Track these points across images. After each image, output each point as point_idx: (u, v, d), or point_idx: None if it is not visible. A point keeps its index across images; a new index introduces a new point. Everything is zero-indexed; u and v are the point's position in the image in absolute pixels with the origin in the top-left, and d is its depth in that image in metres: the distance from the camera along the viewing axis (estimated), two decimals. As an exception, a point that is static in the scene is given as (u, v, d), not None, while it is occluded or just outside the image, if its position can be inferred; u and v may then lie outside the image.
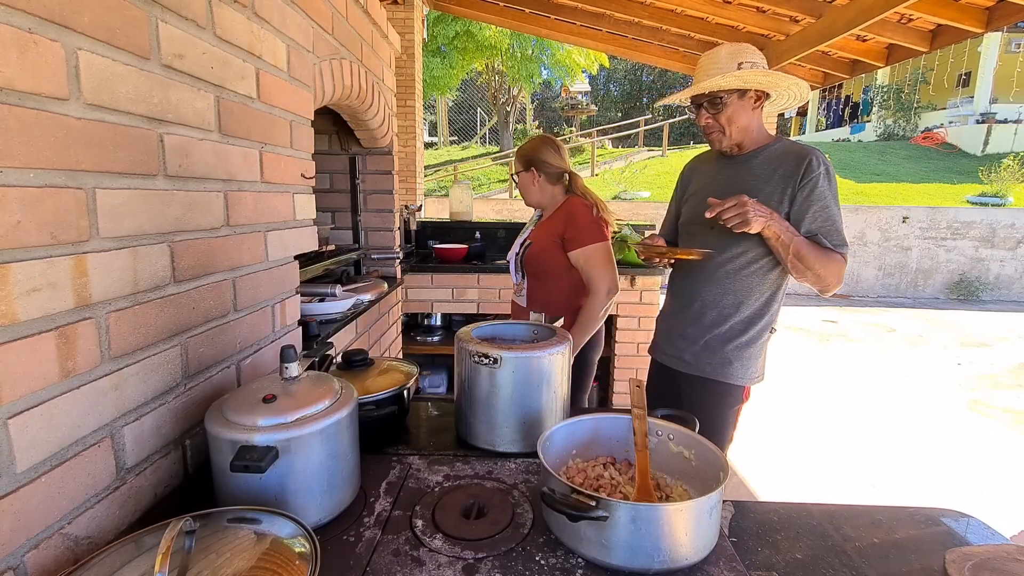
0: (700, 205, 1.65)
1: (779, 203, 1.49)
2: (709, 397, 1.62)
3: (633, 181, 12.24)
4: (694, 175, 1.79)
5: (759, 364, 1.62)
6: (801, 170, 1.47)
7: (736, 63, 1.48)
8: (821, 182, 1.46)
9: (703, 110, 1.56)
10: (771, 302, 1.59)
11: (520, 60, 13.62)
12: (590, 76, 16.74)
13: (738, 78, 1.46)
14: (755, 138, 1.58)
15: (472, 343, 1.11)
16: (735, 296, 1.58)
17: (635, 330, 3.22)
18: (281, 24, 1.24)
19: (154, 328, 0.84)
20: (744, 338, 1.58)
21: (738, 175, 1.59)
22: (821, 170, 1.46)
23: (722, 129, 1.55)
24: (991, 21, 3.27)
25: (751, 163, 1.57)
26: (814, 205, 1.46)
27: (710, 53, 1.54)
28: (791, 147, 1.55)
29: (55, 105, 0.66)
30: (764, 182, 1.53)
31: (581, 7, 4.89)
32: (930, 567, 0.81)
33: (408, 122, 5.45)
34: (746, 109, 1.54)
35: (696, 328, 1.64)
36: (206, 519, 0.69)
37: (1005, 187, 10.71)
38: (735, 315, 1.58)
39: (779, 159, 1.53)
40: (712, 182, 1.66)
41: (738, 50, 1.50)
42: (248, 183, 1.12)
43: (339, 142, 2.48)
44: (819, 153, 1.50)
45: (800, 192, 1.47)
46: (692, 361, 1.65)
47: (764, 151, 1.57)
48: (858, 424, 3.79)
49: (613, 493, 0.92)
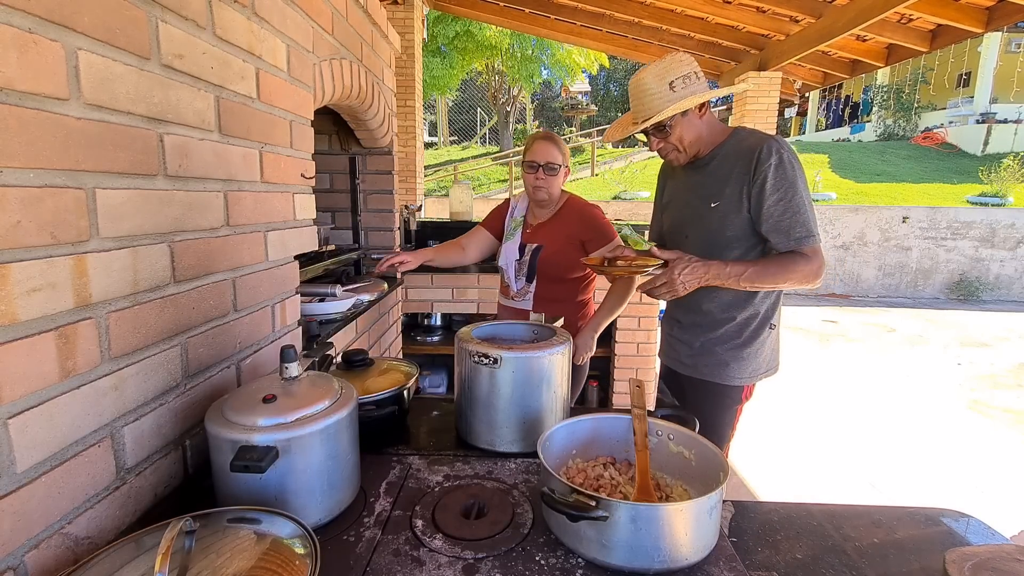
0: (676, 214, 1.66)
1: (739, 203, 1.43)
2: (708, 398, 1.62)
3: (633, 181, 12.24)
4: (668, 180, 1.76)
5: (760, 362, 1.59)
6: (752, 166, 1.40)
7: (666, 84, 1.40)
8: (772, 174, 1.37)
9: (652, 137, 1.52)
10: (764, 299, 1.55)
11: (520, 60, 13.61)
12: (590, 76, 16.75)
13: (675, 108, 1.39)
14: (709, 141, 1.52)
15: (472, 343, 1.11)
16: (724, 298, 1.55)
17: (635, 330, 3.22)
18: (281, 24, 1.24)
19: (154, 328, 0.84)
20: (739, 339, 1.56)
21: (700, 181, 1.54)
22: (772, 161, 1.37)
23: (676, 148, 1.50)
24: (991, 21, 3.27)
25: (709, 167, 1.52)
26: (767, 200, 1.38)
27: (636, 80, 1.46)
28: (743, 141, 1.47)
29: (55, 105, 0.66)
30: (724, 184, 1.47)
31: (581, 7, 4.89)
32: (930, 567, 0.81)
33: (408, 122, 5.45)
34: (693, 123, 1.47)
35: (692, 331, 1.63)
36: (206, 519, 0.69)
37: (1005, 187, 10.71)
38: (728, 318, 1.55)
39: (733, 157, 1.46)
40: (683, 189, 1.63)
41: (664, 69, 1.42)
42: (248, 183, 1.12)
43: (339, 142, 2.48)
44: (771, 141, 1.40)
45: (753, 188, 1.40)
46: (690, 363, 1.64)
47: (719, 151, 1.50)
48: (858, 424, 3.79)
49: (613, 493, 0.92)
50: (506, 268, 2.00)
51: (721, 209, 1.47)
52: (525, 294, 1.97)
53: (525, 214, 2.03)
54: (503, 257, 2.02)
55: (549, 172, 1.87)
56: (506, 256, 2.01)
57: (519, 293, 1.99)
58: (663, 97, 1.40)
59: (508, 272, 2.00)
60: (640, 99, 1.45)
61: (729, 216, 1.46)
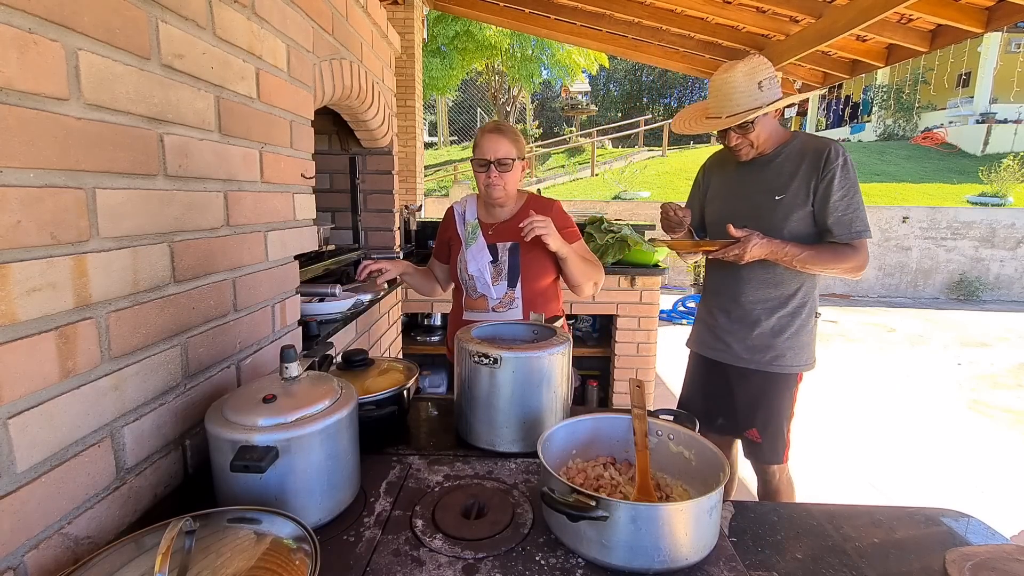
0: (725, 207, 1.76)
1: (805, 197, 1.58)
2: (767, 389, 1.71)
3: (633, 181, 12.23)
4: (713, 176, 1.86)
5: (811, 350, 1.71)
6: (821, 164, 1.56)
7: (755, 83, 1.54)
8: (839, 173, 1.54)
9: (731, 132, 1.63)
10: (811, 288, 1.68)
11: (520, 60, 13.61)
12: (590, 76, 16.74)
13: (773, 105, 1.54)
14: (774, 139, 1.66)
15: (472, 343, 1.11)
16: (778, 288, 1.66)
17: (635, 330, 3.22)
18: (281, 24, 1.24)
19: (154, 328, 0.84)
20: (793, 328, 1.67)
21: (762, 176, 1.66)
22: (839, 161, 1.55)
23: (751, 144, 1.63)
24: (991, 21, 3.27)
25: (773, 163, 1.65)
26: (833, 196, 1.55)
27: (725, 77, 1.57)
28: (808, 143, 1.63)
29: (55, 105, 0.66)
30: (789, 179, 1.61)
31: (581, 7, 4.89)
32: (930, 567, 0.81)
33: (408, 122, 5.45)
34: (770, 121, 1.63)
35: (743, 324, 1.72)
36: (206, 519, 0.69)
37: (1005, 187, 10.71)
38: (781, 307, 1.67)
39: (799, 156, 1.61)
40: (737, 184, 1.74)
41: (752, 68, 1.54)
42: (248, 183, 1.12)
43: (339, 142, 2.48)
44: (836, 145, 1.58)
45: (821, 184, 1.56)
46: (744, 354, 1.72)
47: (784, 150, 1.65)
48: (858, 424, 3.79)
49: (613, 493, 0.92)
50: (477, 276, 1.72)
51: (786, 202, 1.61)
52: (510, 301, 1.72)
53: (478, 215, 1.79)
54: (471, 264, 1.72)
55: (502, 169, 1.65)
56: (475, 262, 1.72)
57: (502, 302, 1.72)
58: (752, 96, 1.55)
59: (480, 280, 1.72)
60: (728, 96, 1.57)
61: (794, 209, 1.61)
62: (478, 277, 1.72)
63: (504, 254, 1.73)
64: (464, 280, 1.75)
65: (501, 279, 1.72)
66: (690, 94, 28.66)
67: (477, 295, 1.74)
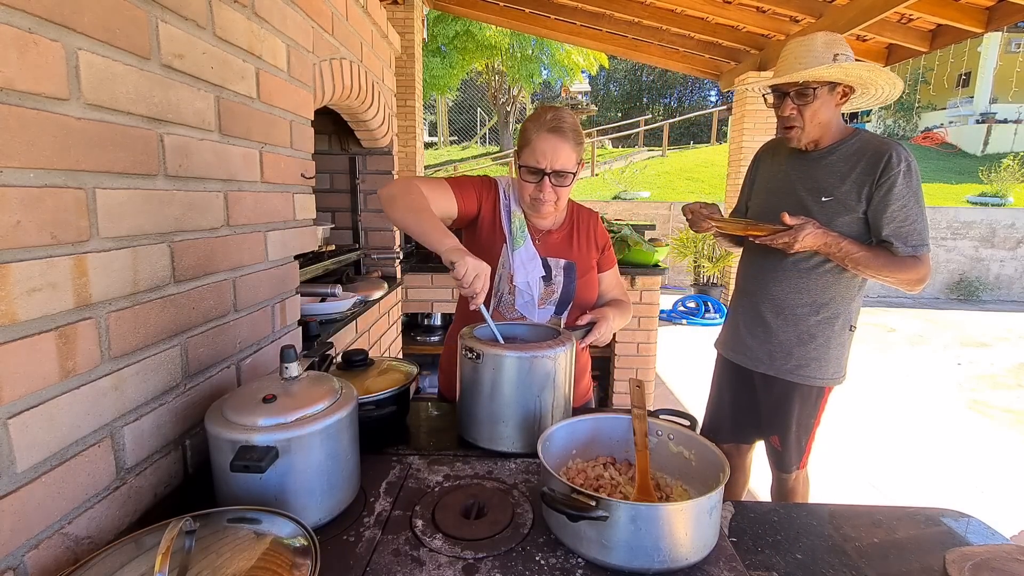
0: (769, 200, 1.61)
1: (856, 202, 1.44)
2: (790, 398, 1.60)
3: (633, 181, 12.23)
4: (764, 163, 1.72)
5: (840, 364, 1.59)
6: (880, 168, 1.41)
7: (832, 54, 1.40)
8: (899, 181, 1.39)
9: (788, 100, 1.47)
10: (849, 301, 1.54)
11: (520, 60, 13.61)
12: (590, 76, 16.73)
13: (841, 70, 1.37)
14: (832, 133, 1.51)
15: (472, 343, 1.11)
16: (810, 295, 1.53)
17: (635, 330, 3.22)
18: (281, 24, 1.24)
19: (154, 328, 0.84)
20: (821, 338, 1.54)
21: (812, 173, 1.52)
22: (901, 167, 1.39)
23: (802, 123, 1.47)
24: (991, 21, 3.27)
25: (827, 159, 1.50)
26: (891, 205, 1.40)
27: (803, 39, 1.45)
28: (870, 142, 1.47)
29: (55, 105, 0.66)
30: (841, 180, 1.46)
31: (581, 7, 4.90)
32: (930, 567, 0.81)
33: (408, 122, 5.45)
34: (831, 104, 1.46)
35: (769, 329, 1.60)
36: (206, 519, 0.69)
37: (1005, 187, 10.71)
38: (811, 316, 1.54)
39: (856, 155, 1.46)
40: (784, 178, 1.59)
41: (832, 40, 1.43)
42: (248, 183, 1.12)
43: (339, 142, 2.48)
44: (900, 148, 1.42)
45: (877, 192, 1.41)
46: (767, 360, 1.61)
47: (841, 147, 1.50)
48: (858, 424, 3.79)
49: (613, 493, 0.92)
50: (523, 290, 1.35)
51: (831, 206, 1.46)
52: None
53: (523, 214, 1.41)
54: (519, 272, 1.34)
55: (559, 181, 1.27)
56: (525, 271, 1.34)
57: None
58: (825, 63, 1.39)
59: (526, 295, 1.35)
60: (801, 57, 1.43)
61: (840, 213, 1.45)
62: (523, 291, 1.34)
63: (559, 273, 1.37)
64: (500, 288, 1.36)
65: (549, 303, 1.37)
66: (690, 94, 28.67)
67: (514, 313, 1.36)
